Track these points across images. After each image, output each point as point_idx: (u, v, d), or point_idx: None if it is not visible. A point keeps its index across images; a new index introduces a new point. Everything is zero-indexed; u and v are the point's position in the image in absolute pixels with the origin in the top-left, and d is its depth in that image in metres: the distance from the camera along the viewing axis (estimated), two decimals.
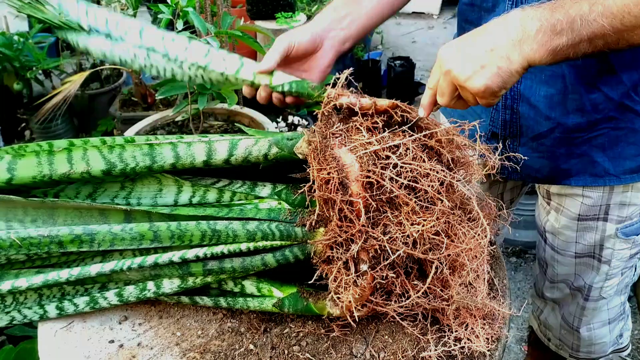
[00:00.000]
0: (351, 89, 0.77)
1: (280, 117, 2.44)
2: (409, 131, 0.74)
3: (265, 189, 0.81)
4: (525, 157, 0.95)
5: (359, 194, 0.69)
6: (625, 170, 0.96)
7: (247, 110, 2.02)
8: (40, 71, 2.41)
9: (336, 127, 0.74)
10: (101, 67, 2.47)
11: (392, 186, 0.68)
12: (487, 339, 0.76)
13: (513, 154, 0.90)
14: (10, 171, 0.82)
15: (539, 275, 1.24)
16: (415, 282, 0.74)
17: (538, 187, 1.12)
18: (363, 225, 0.69)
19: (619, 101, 0.89)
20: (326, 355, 0.77)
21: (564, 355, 1.28)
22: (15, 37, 2.52)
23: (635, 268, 1.12)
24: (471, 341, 0.75)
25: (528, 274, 2.03)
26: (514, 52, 0.67)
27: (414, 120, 0.75)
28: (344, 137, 0.73)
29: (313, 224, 0.73)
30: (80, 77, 2.28)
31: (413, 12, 4.47)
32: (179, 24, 1.69)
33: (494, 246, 0.92)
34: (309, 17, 3.17)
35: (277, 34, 3.04)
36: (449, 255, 0.71)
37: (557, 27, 0.66)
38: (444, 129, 0.74)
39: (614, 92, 0.87)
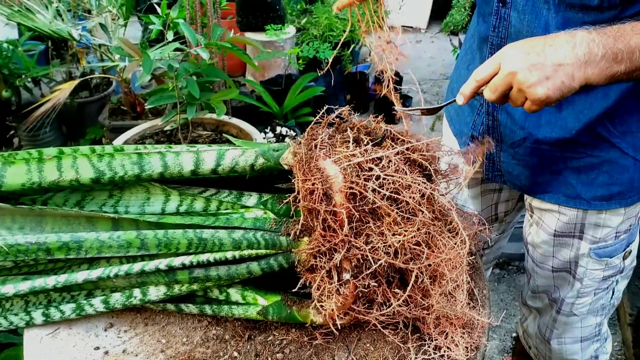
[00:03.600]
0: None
1: (269, 128, 2.45)
2: (393, 144, 0.76)
3: (251, 199, 0.83)
4: (503, 161, 1.02)
5: (343, 204, 0.71)
6: (596, 197, 0.99)
7: (235, 121, 2.04)
8: (29, 79, 2.41)
9: (321, 139, 0.76)
10: (91, 76, 2.48)
11: (374, 197, 0.71)
12: (467, 347, 0.78)
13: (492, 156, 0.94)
14: (0, 178, 0.83)
15: (525, 284, 1.27)
16: (396, 291, 0.76)
17: (525, 199, 1.15)
18: (346, 235, 0.71)
19: (589, 125, 0.91)
20: None
21: None
22: (5, 45, 2.52)
23: (613, 292, 1.13)
24: (450, 350, 0.77)
25: (511, 285, 2.05)
26: (578, 72, 0.72)
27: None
28: (329, 149, 0.75)
29: (297, 233, 0.75)
30: (69, 86, 2.29)
31: (401, 26, 4.52)
32: (170, 35, 1.71)
33: (474, 257, 0.94)
34: (298, 30, 3.21)
35: (266, 46, 3.06)
36: (429, 265, 0.73)
37: (618, 56, 0.72)
38: (425, 142, 0.77)
39: (584, 114, 0.90)
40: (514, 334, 1.84)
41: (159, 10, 1.87)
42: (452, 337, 0.78)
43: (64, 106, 2.29)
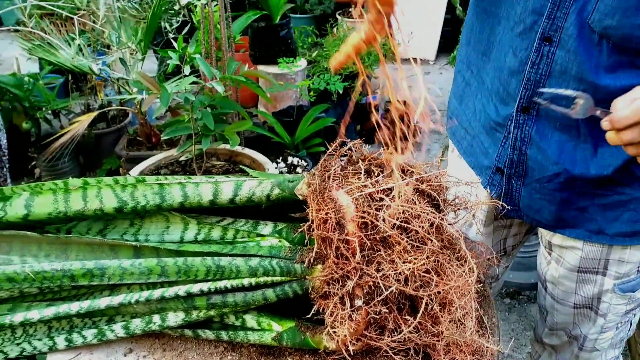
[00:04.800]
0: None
1: (280, 158, 2.51)
2: (403, 175, 0.79)
3: (267, 228, 0.87)
4: (523, 195, 1.00)
5: (355, 233, 0.74)
6: (619, 234, 0.98)
7: (248, 151, 2.09)
8: (49, 111, 2.49)
9: (334, 171, 0.80)
10: (108, 108, 2.56)
11: (385, 226, 0.74)
12: None
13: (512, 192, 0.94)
14: (27, 207, 0.88)
15: (539, 321, 1.26)
16: (407, 318, 0.78)
17: (540, 237, 1.14)
18: (358, 263, 0.74)
19: (626, 163, 0.90)
20: None
21: None
22: (26, 79, 2.61)
23: (631, 323, 1.14)
24: None
25: (522, 314, 2.06)
26: None
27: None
28: (341, 180, 0.79)
29: (311, 260, 0.78)
30: (88, 118, 2.36)
31: (410, 58, 4.61)
32: (186, 69, 1.77)
33: (482, 284, 0.96)
34: (309, 62, 3.29)
35: (278, 78, 3.13)
36: (438, 292, 0.76)
37: None
38: (434, 174, 0.80)
39: (622, 152, 0.85)
40: None
41: (175, 45, 1.95)
42: None
43: (82, 137, 2.36)
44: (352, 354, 0.80)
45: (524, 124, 0.96)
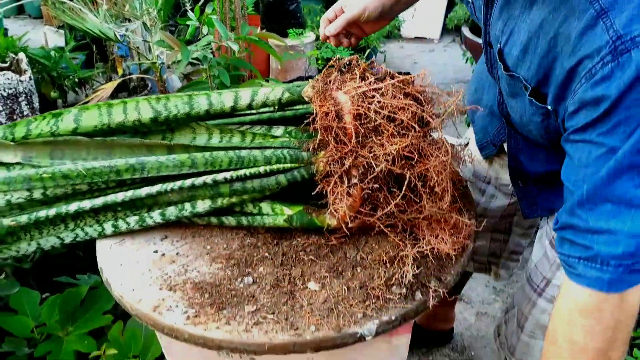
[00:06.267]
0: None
1: None
2: (391, 79, 0.95)
3: (279, 130, 1.03)
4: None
5: (351, 122, 0.90)
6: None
7: None
8: (76, 79, 2.67)
9: (334, 77, 0.96)
10: (129, 76, 2.73)
11: (376, 117, 0.90)
12: (454, 246, 0.96)
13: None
14: (76, 121, 1.05)
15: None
16: (394, 197, 0.94)
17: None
18: (354, 146, 0.90)
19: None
20: (325, 258, 0.97)
21: (500, 357, 1.33)
22: (52, 53, 2.80)
23: None
24: (440, 246, 0.95)
25: None
26: None
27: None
28: (340, 83, 0.95)
29: (316, 147, 0.95)
30: (112, 85, 2.54)
31: (415, 37, 4.75)
32: (204, 30, 1.94)
33: (464, 184, 1.13)
34: (317, 38, 3.44)
35: (287, 49, 3.25)
36: (420, 172, 0.92)
37: None
38: (415, 77, 0.96)
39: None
40: None
41: (191, 15, 2.12)
42: (442, 237, 0.96)
43: None
44: (350, 232, 0.96)
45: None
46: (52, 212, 1.02)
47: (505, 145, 1.15)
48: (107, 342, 1.32)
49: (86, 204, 1.02)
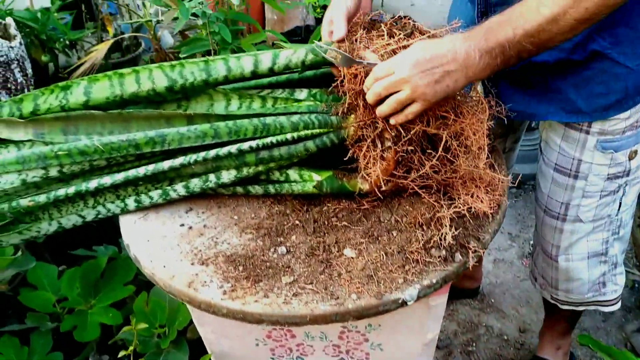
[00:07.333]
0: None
1: None
2: (420, 35, 0.90)
3: (302, 93, 0.98)
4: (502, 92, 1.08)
5: None
6: (597, 108, 1.05)
7: None
8: (67, 42, 2.56)
9: (360, 35, 0.91)
10: (122, 36, 2.63)
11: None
12: (490, 203, 0.94)
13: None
14: (87, 94, 0.99)
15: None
16: (429, 157, 0.91)
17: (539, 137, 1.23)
18: None
19: (580, 42, 0.98)
20: (359, 223, 0.94)
21: (546, 296, 1.38)
22: (38, 14, 2.67)
23: (620, 204, 1.17)
24: (477, 204, 0.92)
25: (527, 201, 2.24)
26: (461, 76, 0.84)
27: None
28: (367, 42, 0.90)
29: (345, 111, 0.91)
30: (105, 46, 2.45)
31: None
32: None
33: (493, 142, 1.09)
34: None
35: (285, 0, 3.11)
36: (456, 131, 0.88)
37: (492, 53, 0.84)
38: (447, 29, 0.91)
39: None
40: (531, 242, 1.99)
41: None
42: (477, 196, 0.93)
43: (99, 68, 2.45)
44: (383, 196, 0.93)
45: None
46: (71, 190, 0.98)
47: None
48: (132, 314, 1.31)
49: (107, 180, 0.98)
